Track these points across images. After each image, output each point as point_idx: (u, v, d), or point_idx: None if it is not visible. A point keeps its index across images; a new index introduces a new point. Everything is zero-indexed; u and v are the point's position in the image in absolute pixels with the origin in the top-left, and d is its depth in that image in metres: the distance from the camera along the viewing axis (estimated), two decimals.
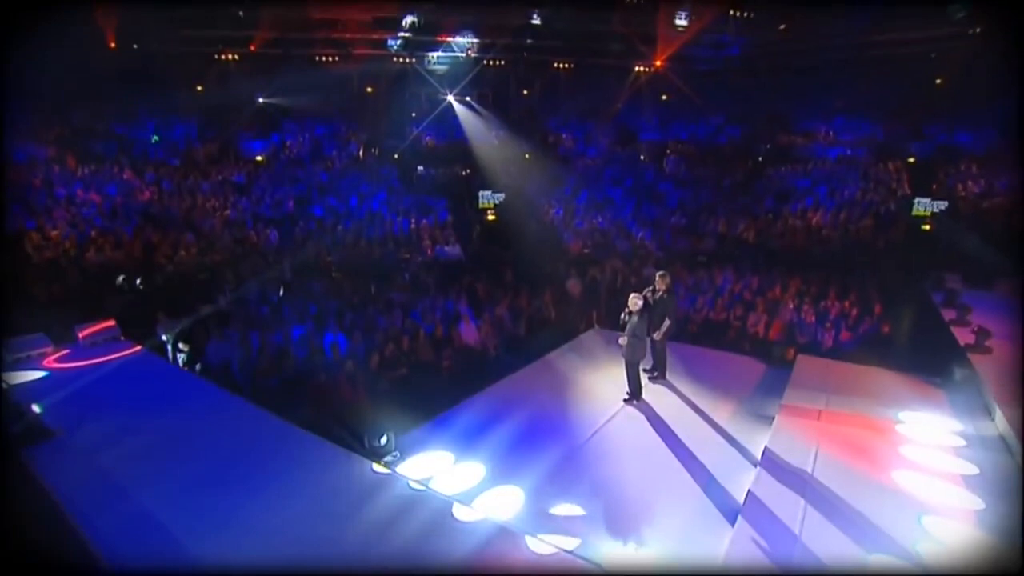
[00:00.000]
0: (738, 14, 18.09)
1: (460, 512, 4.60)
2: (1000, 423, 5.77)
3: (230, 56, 18.63)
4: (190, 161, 16.82)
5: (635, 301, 6.83)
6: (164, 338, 9.00)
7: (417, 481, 5.06)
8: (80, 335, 8.21)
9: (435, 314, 9.61)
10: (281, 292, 10.94)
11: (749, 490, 4.83)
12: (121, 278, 10.81)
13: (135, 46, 16.34)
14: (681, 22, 15.94)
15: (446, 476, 5.32)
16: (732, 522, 4.53)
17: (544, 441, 5.96)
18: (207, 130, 18.35)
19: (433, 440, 5.99)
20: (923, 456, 5.36)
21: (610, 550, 4.32)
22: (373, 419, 5.76)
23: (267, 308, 9.82)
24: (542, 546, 4.24)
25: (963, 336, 7.78)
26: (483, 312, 9.94)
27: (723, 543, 4.28)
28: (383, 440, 5.48)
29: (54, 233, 11.66)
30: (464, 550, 4.18)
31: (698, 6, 15.94)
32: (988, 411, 6.15)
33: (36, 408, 5.76)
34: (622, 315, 6.93)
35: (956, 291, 9.78)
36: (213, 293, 10.41)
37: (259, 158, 18.00)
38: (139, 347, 8.24)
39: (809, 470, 5.12)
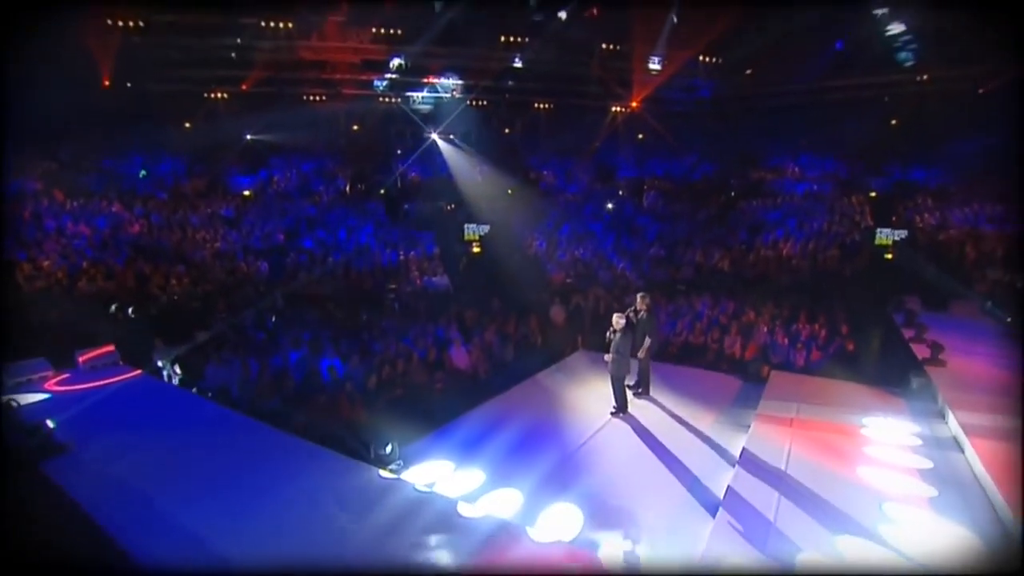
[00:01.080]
0: (707, 60, 19.54)
1: (464, 510, 4.99)
2: (952, 424, 6.42)
3: (219, 94, 19.32)
4: (178, 195, 17.22)
5: (619, 320, 7.41)
6: (160, 364, 9.28)
7: (422, 485, 5.44)
8: (80, 360, 8.44)
9: (427, 339, 10.06)
10: (273, 320, 11.28)
11: (728, 486, 5.33)
12: (114, 307, 11.06)
13: (128, 84, 16.85)
14: (654, 66, 17.16)
15: (448, 481, 5.70)
16: (713, 514, 5.00)
17: (538, 450, 6.39)
18: (196, 165, 18.84)
19: (433, 451, 6.37)
20: (884, 454, 5.94)
21: (604, 539, 4.75)
22: (377, 430, 6.15)
23: (263, 334, 10.16)
24: (543, 537, 4.66)
25: (920, 351, 8.52)
26: (472, 338, 10.41)
27: (705, 531, 4.75)
28: (388, 449, 5.86)
29: (45, 263, 11.90)
30: (470, 544, 4.56)
31: (670, 51, 17.19)
32: (942, 415, 6.82)
33: (50, 423, 6.00)
34: (607, 334, 7.49)
35: (915, 312, 10.62)
36: (208, 321, 10.74)
37: (247, 192, 18.48)
38: (139, 371, 8.47)
39: (782, 468, 5.65)
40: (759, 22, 16.17)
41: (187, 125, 19.72)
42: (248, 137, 20.02)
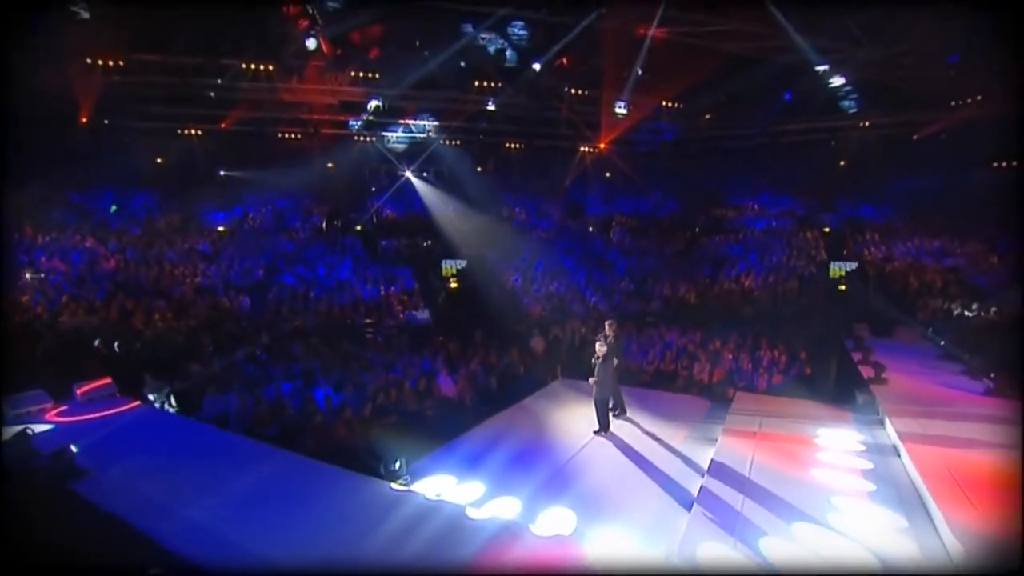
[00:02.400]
0: (670, 105, 21.49)
1: (472, 514, 5.77)
2: (890, 432, 7.61)
3: (193, 131, 19.96)
4: (152, 230, 17.64)
5: (601, 348, 8.48)
6: (152, 397, 9.76)
7: (432, 495, 6.20)
8: (78, 392, 8.88)
9: (415, 370, 10.85)
10: (260, 354, 11.83)
11: (701, 486, 6.30)
12: (97, 342, 11.45)
13: (106, 121, 17.39)
14: (621, 111, 18.76)
15: (453, 492, 6.47)
16: (689, 509, 5.94)
17: (531, 464, 7.25)
18: (168, 200, 19.32)
19: (434, 469, 7.13)
20: (833, 458, 7.03)
21: (597, 532, 5.61)
22: (384, 450, 6.89)
23: (252, 367, 10.75)
24: (544, 532, 5.50)
25: (866, 372, 9.84)
26: (458, 368, 11.24)
27: (683, 523, 5.66)
28: (397, 465, 6.60)
29: (24, 298, 12.19)
30: (480, 541, 5.33)
31: (635, 97, 18.86)
32: (882, 424, 8.01)
33: (73, 448, 6.51)
34: (592, 360, 8.52)
35: (863, 338, 12.06)
36: (195, 355, 11.23)
37: (221, 228, 19.02)
38: (138, 402, 8.95)
39: (747, 471, 6.66)
40: (717, 77, 18.08)
41: (159, 160, 20.18)
42: (222, 173, 20.63)
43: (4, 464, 6.34)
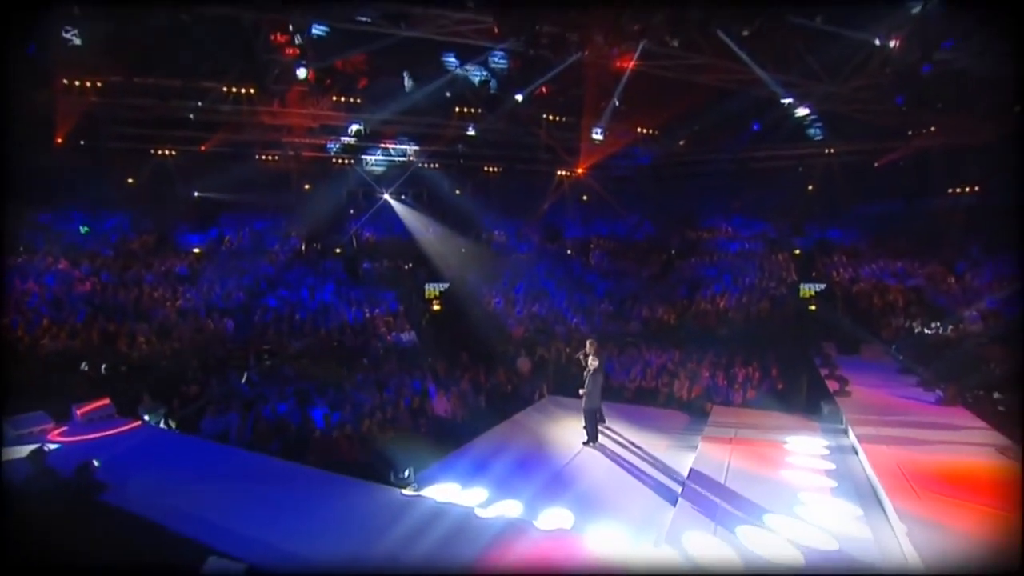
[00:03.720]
0: (645, 131, 23.04)
1: (479, 514, 6.61)
2: (851, 437, 8.77)
3: (168, 151, 20.47)
4: (126, 252, 18.04)
5: (593, 362, 9.49)
6: (147, 417, 10.30)
7: (441, 499, 7.02)
8: (77, 412, 9.38)
9: (406, 390, 11.65)
10: (249, 375, 12.45)
11: (684, 485, 7.29)
12: (84, 364, 11.92)
13: (82, 142, 17.86)
14: (597, 136, 20.10)
15: (459, 497, 7.29)
16: (674, 505, 6.91)
17: (528, 472, 8.16)
18: (141, 222, 19.75)
19: (439, 477, 7.95)
20: (801, 461, 8.13)
21: (594, 527, 6.52)
22: (391, 459, 7.68)
23: (247, 388, 11.39)
24: (546, 527, 6.37)
25: (832, 385, 11.07)
26: (448, 387, 12.08)
27: (669, 517, 6.62)
28: (406, 473, 7.40)
29: (3, 321, 12.58)
30: (488, 537, 6.16)
31: (613, 124, 20.27)
32: (845, 431, 9.16)
33: (95, 462, 7.10)
34: (584, 372, 9.52)
35: (830, 355, 13.34)
36: (183, 378, 11.80)
37: (197, 250, 19.52)
38: (139, 422, 9.51)
39: (724, 472, 7.68)
40: (691, 107, 19.69)
41: (130, 181, 20.54)
42: (196, 194, 21.14)
43: (24, 480, 6.92)
